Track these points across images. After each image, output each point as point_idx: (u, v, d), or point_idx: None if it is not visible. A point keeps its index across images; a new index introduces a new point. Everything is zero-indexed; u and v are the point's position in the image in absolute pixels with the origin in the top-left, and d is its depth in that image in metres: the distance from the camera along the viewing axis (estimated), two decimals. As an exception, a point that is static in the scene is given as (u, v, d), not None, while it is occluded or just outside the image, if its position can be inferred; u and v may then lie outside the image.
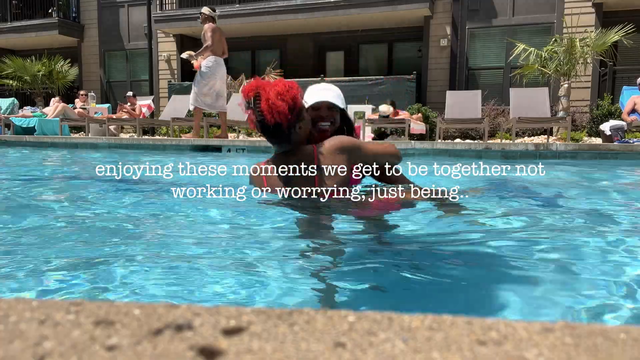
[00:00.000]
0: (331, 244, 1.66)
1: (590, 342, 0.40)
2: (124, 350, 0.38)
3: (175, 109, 10.59)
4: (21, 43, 15.79)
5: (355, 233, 1.84)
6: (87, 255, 1.42)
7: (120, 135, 11.73)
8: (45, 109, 11.62)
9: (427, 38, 12.02)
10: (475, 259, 1.46)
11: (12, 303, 0.47)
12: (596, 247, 1.57)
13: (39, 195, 2.72)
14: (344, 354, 0.38)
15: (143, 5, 14.44)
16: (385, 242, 1.72)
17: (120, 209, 2.16)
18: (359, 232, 1.86)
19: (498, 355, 0.37)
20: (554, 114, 9.05)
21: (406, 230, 1.85)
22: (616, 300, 1.10)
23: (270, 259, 1.39)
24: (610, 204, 2.63)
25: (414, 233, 1.82)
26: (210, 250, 1.49)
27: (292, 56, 13.87)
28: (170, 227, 1.87)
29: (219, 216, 2.03)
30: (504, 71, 11.63)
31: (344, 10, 11.80)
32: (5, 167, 4.79)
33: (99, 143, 8.03)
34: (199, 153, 7.04)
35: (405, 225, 1.90)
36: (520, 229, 1.87)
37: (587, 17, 10.52)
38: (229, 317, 0.44)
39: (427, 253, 1.55)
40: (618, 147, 6.00)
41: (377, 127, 9.58)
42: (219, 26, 8.19)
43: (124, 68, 15.45)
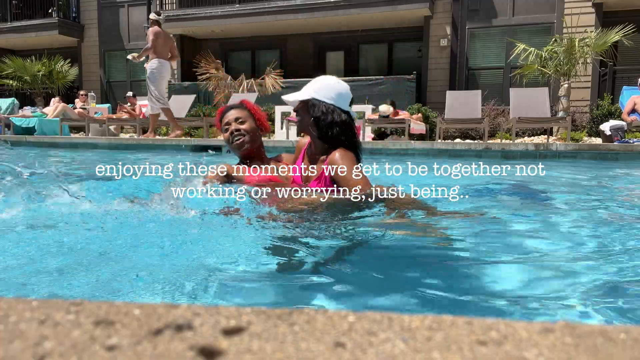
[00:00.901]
0: (330, 243, 1.66)
1: (590, 342, 0.40)
2: (124, 350, 0.38)
3: (175, 109, 10.58)
4: (21, 43, 15.80)
5: (355, 232, 1.84)
6: (87, 254, 1.42)
7: (120, 135, 11.73)
8: (45, 109, 11.62)
9: (427, 38, 12.02)
10: (476, 258, 1.46)
11: (12, 303, 0.47)
12: (596, 246, 1.58)
13: (38, 194, 2.71)
14: (344, 354, 0.38)
15: (143, 5, 14.44)
16: (385, 241, 1.73)
17: (120, 209, 2.16)
18: (359, 231, 1.86)
19: (498, 355, 0.37)
20: (554, 114, 9.05)
21: (406, 229, 1.85)
22: (616, 300, 1.10)
23: (271, 258, 1.39)
24: (610, 203, 2.63)
25: (414, 232, 1.82)
26: (205, 249, 1.49)
27: (292, 56, 13.87)
28: (170, 226, 1.87)
29: (216, 216, 2.03)
30: (504, 71, 11.63)
31: (344, 10, 11.80)
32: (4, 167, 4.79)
33: (99, 143, 8.03)
34: (197, 153, 7.04)
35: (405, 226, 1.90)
36: (519, 229, 1.87)
37: (587, 17, 10.52)
38: (229, 317, 0.44)
39: (428, 252, 1.55)
40: (618, 147, 6.00)
41: (377, 127, 9.58)
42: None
43: (124, 68, 15.45)
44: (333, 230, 1.83)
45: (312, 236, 1.75)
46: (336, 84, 2.09)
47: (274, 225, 1.91)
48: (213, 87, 11.97)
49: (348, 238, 1.77)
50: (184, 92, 12.43)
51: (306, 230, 1.82)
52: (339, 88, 2.08)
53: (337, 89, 2.07)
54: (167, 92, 8.49)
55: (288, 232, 1.80)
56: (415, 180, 2.31)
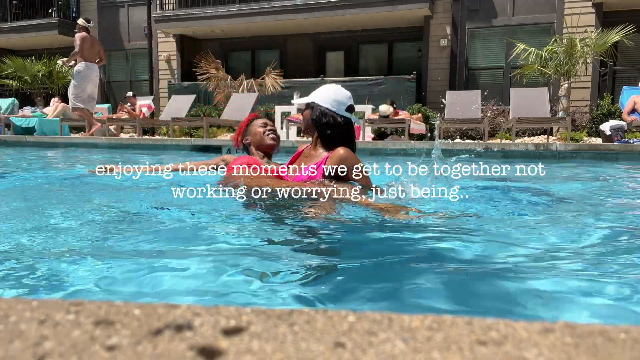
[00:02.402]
0: (329, 242, 1.66)
1: (590, 342, 0.40)
2: (124, 350, 0.38)
3: (175, 109, 10.59)
4: (21, 43, 15.80)
5: (355, 232, 1.84)
6: (88, 254, 1.42)
7: (120, 135, 11.73)
8: (45, 109, 11.62)
9: (427, 38, 12.02)
10: (476, 258, 1.46)
11: (12, 303, 0.47)
12: (596, 246, 1.58)
13: (38, 194, 2.72)
14: (344, 354, 0.38)
15: (143, 5, 14.44)
16: (385, 240, 1.73)
17: (120, 209, 2.16)
18: (359, 231, 1.86)
19: (498, 355, 0.37)
20: (554, 114, 9.05)
21: (406, 229, 1.85)
22: (616, 300, 1.10)
23: (271, 258, 1.39)
24: (610, 203, 2.63)
25: (414, 232, 1.82)
26: (208, 249, 1.49)
27: (292, 56, 13.88)
28: (170, 226, 1.87)
29: (217, 216, 2.03)
30: (504, 71, 11.63)
31: (344, 10, 11.80)
32: (3, 166, 4.80)
33: (99, 143, 8.03)
34: (195, 153, 7.04)
35: (405, 226, 1.90)
36: (519, 229, 1.87)
37: (587, 17, 10.53)
38: (229, 317, 0.44)
39: (427, 253, 1.55)
40: (618, 147, 6.00)
41: (377, 127, 9.58)
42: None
43: (124, 68, 15.45)
44: (332, 228, 1.83)
45: (312, 234, 1.75)
46: (334, 91, 2.36)
47: (274, 225, 1.91)
48: (213, 87, 11.98)
49: (348, 236, 1.77)
50: (184, 92, 12.44)
51: (306, 228, 1.82)
52: (337, 95, 2.35)
53: (334, 95, 2.35)
54: (96, 94, 9.14)
55: (287, 231, 1.81)
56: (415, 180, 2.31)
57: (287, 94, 11.12)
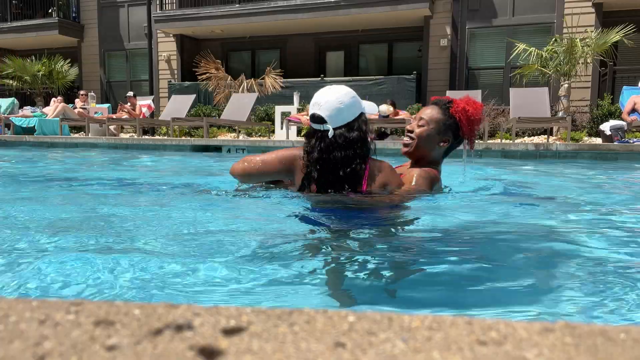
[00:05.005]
0: (332, 242, 1.66)
1: (590, 342, 0.40)
2: (124, 350, 0.38)
3: (175, 109, 10.59)
4: (21, 43, 15.79)
5: (355, 232, 1.84)
6: (87, 254, 1.42)
7: (120, 135, 11.73)
8: (45, 109, 11.62)
9: (427, 38, 12.02)
10: (476, 258, 1.46)
11: (12, 303, 0.47)
12: (596, 246, 1.58)
13: (37, 194, 2.72)
14: (344, 354, 0.38)
15: (143, 5, 14.44)
16: (387, 239, 1.73)
17: (120, 209, 2.16)
18: (359, 231, 1.86)
19: (498, 355, 0.37)
20: (554, 114, 9.04)
21: (406, 229, 1.85)
22: (616, 299, 1.10)
23: (271, 257, 1.39)
24: (610, 204, 2.63)
25: (413, 232, 1.82)
26: (212, 248, 1.49)
27: (292, 56, 13.87)
28: (170, 226, 1.87)
29: (219, 214, 2.03)
30: (504, 71, 11.63)
31: (344, 10, 11.80)
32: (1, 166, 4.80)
33: (99, 143, 8.03)
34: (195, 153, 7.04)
35: (405, 224, 1.90)
36: (519, 229, 1.87)
37: (587, 17, 10.52)
38: (229, 317, 0.44)
39: (427, 253, 1.55)
40: (618, 147, 6.00)
41: (377, 127, 9.57)
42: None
43: (124, 68, 15.44)
44: (333, 229, 1.83)
45: (312, 234, 1.75)
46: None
47: (274, 225, 1.91)
48: (213, 87, 11.98)
49: (348, 236, 1.77)
50: (184, 92, 12.44)
51: (308, 229, 1.82)
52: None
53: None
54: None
55: (288, 231, 1.81)
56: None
57: (287, 94, 11.12)
